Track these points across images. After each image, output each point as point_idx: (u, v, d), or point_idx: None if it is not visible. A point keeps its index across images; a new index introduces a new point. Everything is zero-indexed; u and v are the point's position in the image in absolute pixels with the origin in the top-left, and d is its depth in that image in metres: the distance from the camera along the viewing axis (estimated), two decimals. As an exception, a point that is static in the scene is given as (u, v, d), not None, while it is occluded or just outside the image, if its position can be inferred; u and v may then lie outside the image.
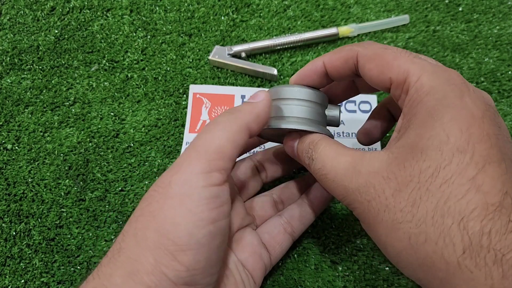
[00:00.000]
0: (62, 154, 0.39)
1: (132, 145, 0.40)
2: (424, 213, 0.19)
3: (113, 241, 0.36)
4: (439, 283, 0.19)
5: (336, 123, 0.29)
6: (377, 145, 0.39)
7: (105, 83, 0.42)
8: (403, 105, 0.23)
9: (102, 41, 0.44)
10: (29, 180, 0.38)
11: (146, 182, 0.38)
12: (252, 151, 0.38)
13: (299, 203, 0.33)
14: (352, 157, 0.23)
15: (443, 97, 0.21)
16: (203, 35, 0.45)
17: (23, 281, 0.34)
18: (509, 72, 0.43)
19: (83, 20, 0.45)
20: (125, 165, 0.39)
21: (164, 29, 0.45)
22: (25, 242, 0.35)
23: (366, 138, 0.32)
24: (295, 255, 0.35)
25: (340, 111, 0.29)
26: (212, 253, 0.22)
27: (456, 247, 0.18)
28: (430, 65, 0.22)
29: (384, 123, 0.32)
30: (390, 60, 0.23)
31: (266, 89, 0.28)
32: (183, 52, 0.44)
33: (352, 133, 0.40)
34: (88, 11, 0.46)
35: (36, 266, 0.35)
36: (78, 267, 0.35)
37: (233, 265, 0.28)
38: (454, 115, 0.20)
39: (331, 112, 0.29)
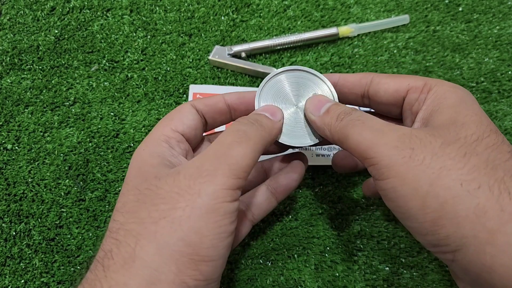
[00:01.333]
0: (62, 154, 0.39)
1: (132, 145, 0.40)
2: (476, 163, 0.20)
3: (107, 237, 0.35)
4: (487, 236, 0.18)
5: None
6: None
7: (105, 83, 0.42)
8: (420, 105, 0.25)
9: (102, 41, 0.44)
10: (29, 180, 0.38)
11: (146, 182, 0.38)
12: None
13: (261, 189, 0.31)
14: (390, 123, 0.24)
15: (467, 94, 0.24)
16: (203, 35, 0.45)
17: (23, 281, 0.34)
18: (509, 72, 0.43)
19: (83, 20, 0.45)
20: (125, 165, 0.39)
21: (164, 29, 0.45)
22: (25, 242, 0.35)
23: (340, 167, 0.33)
24: (295, 255, 0.35)
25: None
26: (225, 263, 0.23)
27: None
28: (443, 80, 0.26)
29: None
30: (406, 76, 0.26)
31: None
32: (183, 52, 0.44)
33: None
34: (88, 11, 0.46)
35: (36, 266, 0.35)
36: (78, 267, 0.34)
37: None
38: (479, 107, 0.23)
39: None
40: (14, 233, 0.36)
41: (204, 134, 0.31)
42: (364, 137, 0.22)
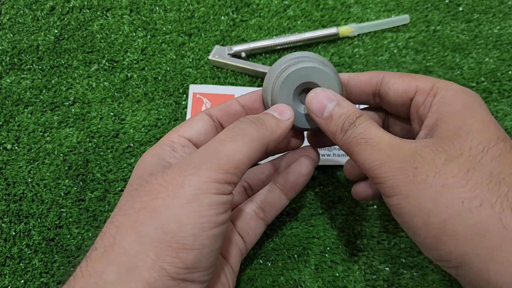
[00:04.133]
0: (61, 154, 0.39)
1: (132, 145, 0.40)
2: (479, 180, 0.19)
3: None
4: (489, 253, 0.18)
5: None
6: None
7: (105, 83, 0.42)
8: (426, 108, 0.25)
9: (102, 41, 0.44)
10: (29, 180, 0.38)
11: (146, 182, 0.38)
12: None
13: (271, 187, 0.32)
14: (394, 136, 0.24)
15: (474, 98, 0.23)
16: (203, 35, 0.45)
17: (22, 281, 0.34)
18: (510, 72, 0.43)
19: (82, 20, 0.45)
20: (125, 165, 0.39)
21: (164, 29, 0.45)
22: (24, 242, 0.35)
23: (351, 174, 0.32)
24: (295, 255, 0.35)
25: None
26: (213, 254, 0.22)
27: None
28: (451, 82, 0.25)
29: None
30: (416, 76, 0.26)
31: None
32: (183, 52, 0.44)
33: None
34: (88, 11, 0.46)
35: (36, 266, 0.34)
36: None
37: None
38: (486, 113, 0.23)
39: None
40: (14, 233, 0.36)
41: None
42: (368, 158, 0.23)
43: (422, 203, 0.20)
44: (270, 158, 0.34)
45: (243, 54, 0.43)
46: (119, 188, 0.38)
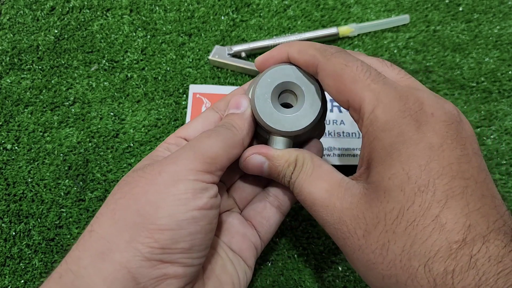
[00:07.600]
0: (61, 154, 0.39)
1: (132, 145, 0.40)
2: (393, 257, 0.20)
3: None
4: None
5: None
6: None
7: (105, 83, 0.42)
8: (363, 130, 0.23)
9: (102, 41, 0.44)
10: (29, 180, 0.38)
11: (146, 182, 0.38)
12: None
13: (260, 196, 0.31)
14: (328, 184, 0.24)
15: (399, 133, 0.21)
16: (203, 35, 0.45)
17: (22, 281, 0.34)
18: (510, 72, 0.43)
19: (82, 20, 0.45)
20: (125, 165, 0.39)
21: (164, 29, 0.45)
22: (24, 242, 0.35)
23: None
24: (295, 255, 0.35)
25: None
26: (195, 237, 0.23)
27: None
28: (385, 93, 0.22)
29: None
30: (347, 83, 0.23)
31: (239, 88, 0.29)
32: (183, 52, 0.44)
33: (353, 133, 0.39)
34: (88, 11, 0.46)
35: (36, 266, 0.35)
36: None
37: (219, 248, 0.28)
38: (412, 152, 0.20)
39: None
40: (14, 233, 0.36)
41: None
42: (314, 217, 0.24)
43: (358, 271, 0.22)
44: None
45: (243, 54, 0.43)
46: (119, 188, 0.38)
